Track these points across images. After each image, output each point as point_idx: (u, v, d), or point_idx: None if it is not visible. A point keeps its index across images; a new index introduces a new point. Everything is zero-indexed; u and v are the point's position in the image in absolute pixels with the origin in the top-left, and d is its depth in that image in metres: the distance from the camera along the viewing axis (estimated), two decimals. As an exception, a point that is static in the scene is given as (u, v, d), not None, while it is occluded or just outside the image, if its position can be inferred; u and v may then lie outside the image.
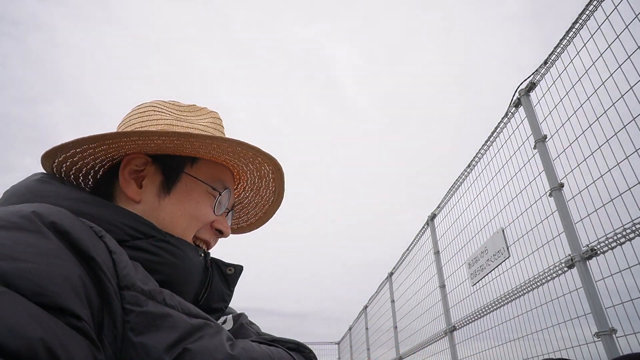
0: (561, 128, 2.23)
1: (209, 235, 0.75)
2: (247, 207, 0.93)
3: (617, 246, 1.81)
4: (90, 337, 0.41)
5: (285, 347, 0.65)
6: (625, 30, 1.79)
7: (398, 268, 5.41)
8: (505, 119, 2.79)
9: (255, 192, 0.88)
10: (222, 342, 0.53)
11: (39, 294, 0.38)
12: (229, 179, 0.78)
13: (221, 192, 0.74)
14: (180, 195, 0.70)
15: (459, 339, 3.52)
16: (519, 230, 2.58)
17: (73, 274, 0.43)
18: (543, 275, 2.32)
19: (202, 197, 0.72)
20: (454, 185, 3.60)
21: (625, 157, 1.78)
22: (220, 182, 0.75)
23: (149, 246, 0.60)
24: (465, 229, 3.38)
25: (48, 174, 0.66)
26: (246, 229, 0.96)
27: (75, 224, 0.49)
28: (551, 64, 2.32)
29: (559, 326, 2.21)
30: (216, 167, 0.76)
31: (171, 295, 0.55)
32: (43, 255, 0.42)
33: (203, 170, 0.74)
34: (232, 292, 0.76)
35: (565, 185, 2.19)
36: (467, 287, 3.32)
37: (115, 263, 0.50)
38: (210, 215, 0.73)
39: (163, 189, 0.70)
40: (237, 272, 0.77)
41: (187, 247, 0.66)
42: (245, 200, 0.91)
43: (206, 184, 0.73)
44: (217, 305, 0.73)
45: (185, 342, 0.49)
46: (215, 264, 0.75)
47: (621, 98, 1.80)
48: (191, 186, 0.71)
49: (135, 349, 0.46)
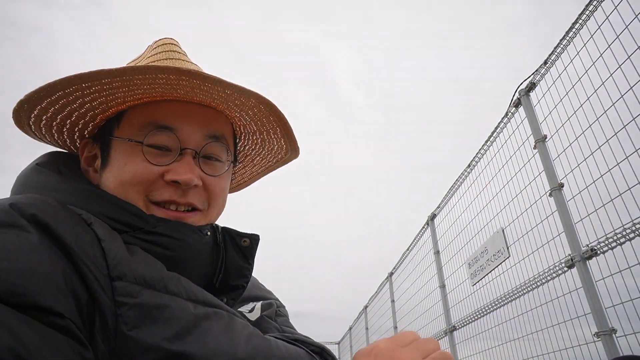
0: (561, 128, 2.23)
1: (167, 193, 0.60)
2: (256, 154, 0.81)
3: (617, 246, 1.81)
4: (75, 336, 0.39)
5: (309, 349, 0.58)
6: (625, 31, 1.79)
7: (398, 268, 5.40)
8: (505, 119, 2.79)
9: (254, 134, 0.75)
10: (230, 338, 0.48)
11: (15, 294, 0.36)
12: (175, 112, 0.62)
13: (141, 141, 0.59)
14: (112, 164, 0.62)
15: (459, 339, 3.52)
16: (519, 230, 2.58)
17: (55, 269, 0.40)
18: (543, 275, 2.32)
19: (130, 156, 0.60)
20: (454, 185, 3.60)
21: (625, 157, 1.78)
22: (151, 124, 0.60)
23: (136, 241, 0.54)
24: (465, 229, 3.38)
25: (44, 162, 0.63)
26: (258, 176, 0.86)
27: (58, 214, 0.46)
28: (551, 64, 2.32)
29: (559, 326, 2.21)
30: (149, 108, 0.62)
31: (177, 279, 0.50)
32: (21, 251, 0.40)
33: (128, 123, 0.62)
34: (252, 265, 0.68)
35: (565, 185, 2.19)
36: (467, 287, 3.32)
37: (105, 252, 0.46)
38: (146, 171, 0.59)
39: (102, 164, 0.64)
40: (253, 242, 0.68)
41: (184, 230, 0.59)
42: (251, 147, 0.80)
43: (124, 138, 0.61)
44: (236, 282, 0.65)
45: (184, 337, 0.45)
46: (229, 236, 0.66)
47: (621, 98, 1.80)
48: (120, 148, 0.61)
49: (128, 344, 0.42)
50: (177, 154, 0.61)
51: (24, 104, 0.58)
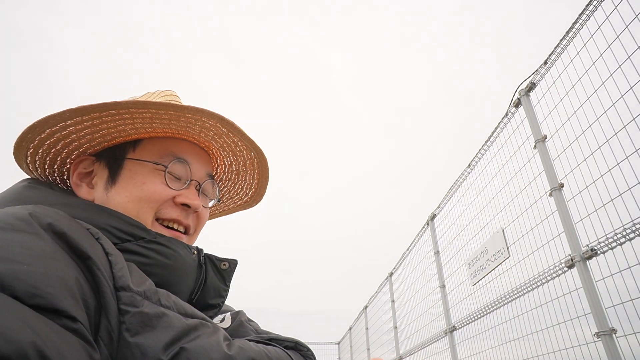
0: (561, 128, 2.23)
1: (175, 213, 0.70)
2: (235, 185, 0.90)
3: (617, 246, 1.81)
4: (86, 339, 0.41)
5: (282, 345, 0.64)
6: (625, 31, 1.79)
7: (398, 268, 5.41)
8: (505, 119, 2.79)
9: (235, 171, 0.85)
10: (218, 341, 0.53)
11: (34, 296, 0.38)
12: (186, 150, 0.73)
13: (167, 165, 0.69)
14: (126, 182, 0.68)
15: (459, 339, 3.52)
16: (519, 230, 2.58)
17: (69, 275, 0.43)
18: (543, 276, 2.32)
19: (148, 177, 0.68)
20: (454, 185, 3.60)
21: (625, 157, 1.78)
22: (170, 155, 0.71)
23: (139, 249, 0.60)
24: (465, 229, 3.39)
25: (35, 179, 0.68)
26: (244, 205, 0.95)
27: (72, 225, 0.49)
28: (551, 64, 2.32)
29: (559, 326, 2.21)
30: (166, 141, 0.72)
31: (167, 296, 0.55)
32: (39, 256, 0.42)
33: (148, 150, 0.71)
34: (228, 287, 0.75)
35: (565, 185, 2.19)
36: (467, 287, 3.32)
37: (112, 264, 0.50)
38: (164, 192, 0.68)
39: (109, 181, 0.69)
40: (231, 266, 0.75)
41: (178, 245, 0.66)
42: (227, 176, 0.88)
43: (149, 162, 0.69)
44: (214, 301, 0.72)
45: (181, 341, 0.49)
46: (209, 260, 0.73)
47: (621, 98, 1.80)
48: (135, 169, 0.69)
49: (131, 349, 0.46)
50: (186, 183, 0.72)
51: (34, 128, 0.62)
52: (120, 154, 0.70)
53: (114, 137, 0.69)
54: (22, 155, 0.66)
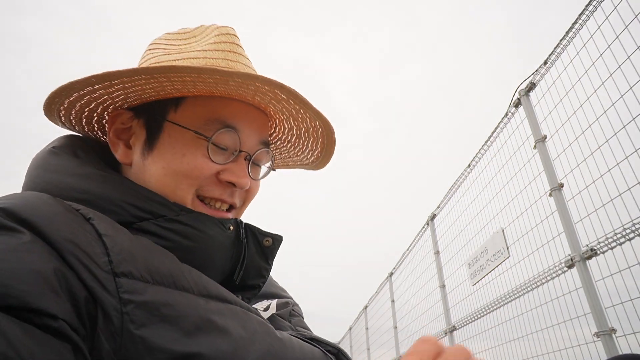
0: (561, 128, 2.23)
1: (218, 191, 0.60)
2: (296, 148, 0.77)
3: (617, 246, 1.81)
4: (69, 338, 0.37)
5: (325, 349, 0.57)
6: (625, 30, 1.79)
7: (398, 268, 5.40)
8: (505, 119, 2.79)
9: (296, 135, 0.73)
10: (242, 337, 0.47)
11: (4, 296, 0.35)
12: (238, 113, 0.61)
13: (210, 137, 0.58)
14: (164, 150, 0.59)
15: (459, 339, 3.52)
16: (519, 230, 2.58)
17: (46, 267, 0.39)
18: (543, 275, 2.32)
19: (189, 147, 0.58)
20: (454, 185, 3.60)
21: (625, 157, 1.78)
22: (217, 121, 0.59)
23: (157, 229, 0.53)
24: (465, 229, 3.39)
25: (60, 145, 0.61)
26: (303, 167, 0.81)
27: (51, 211, 0.45)
28: (551, 64, 2.32)
29: (558, 326, 2.21)
30: (214, 102, 0.60)
31: (188, 273, 0.49)
32: (11, 251, 0.38)
33: (192, 111, 0.60)
34: (271, 266, 0.66)
35: (565, 185, 2.19)
36: (467, 287, 3.32)
37: (108, 248, 0.44)
38: (206, 167, 0.58)
39: (146, 146, 0.60)
40: (275, 243, 0.66)
41: (207, 223, 0.57)
42: (286, 137, 0.75)
43: (190, 129, 0.58)
44: (254, 281, 0.64)
45: (194, 335, 0.44)
46: (251, 233, 0.65)
47: (621, 98, 1.80)
48: (175, 136, 0.59)
49: (135, 343, 0.41)
50: (233, 155, 0.61)
51: (95, 78, 0.55)
52: (160, 114, 0.60)
53: (151, 95, 0.59)
54: (56, 117, 0.61)
